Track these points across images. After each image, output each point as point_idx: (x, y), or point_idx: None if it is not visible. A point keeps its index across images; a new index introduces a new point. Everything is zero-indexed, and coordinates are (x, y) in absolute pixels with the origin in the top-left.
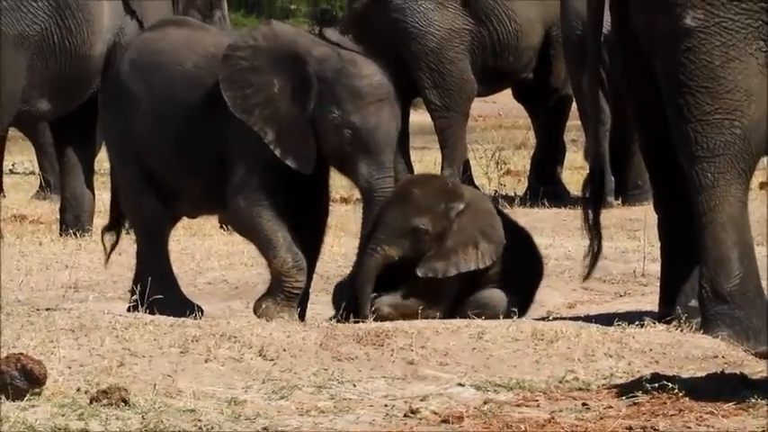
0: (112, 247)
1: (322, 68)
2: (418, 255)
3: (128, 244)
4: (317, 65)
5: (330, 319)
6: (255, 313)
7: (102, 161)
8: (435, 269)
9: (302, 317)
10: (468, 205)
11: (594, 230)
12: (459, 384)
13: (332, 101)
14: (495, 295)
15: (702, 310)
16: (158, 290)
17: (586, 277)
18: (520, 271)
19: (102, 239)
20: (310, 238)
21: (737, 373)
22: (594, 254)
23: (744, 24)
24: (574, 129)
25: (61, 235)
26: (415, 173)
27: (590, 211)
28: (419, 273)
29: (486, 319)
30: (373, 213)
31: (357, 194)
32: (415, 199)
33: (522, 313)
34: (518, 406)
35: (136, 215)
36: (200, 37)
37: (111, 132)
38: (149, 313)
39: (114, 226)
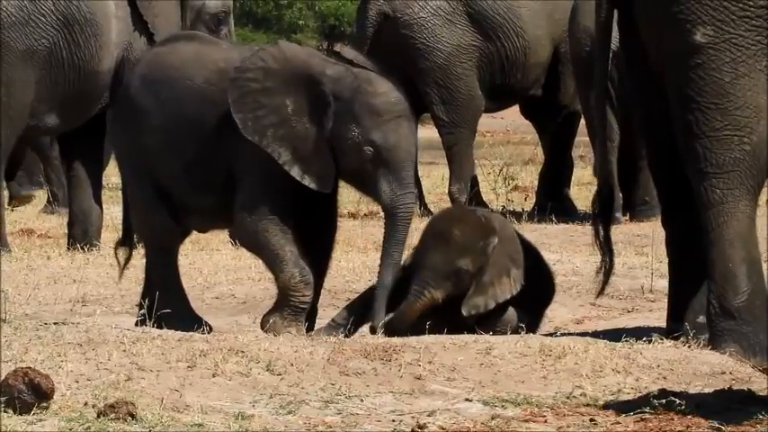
0: (126, 262)
1: (338, 88)
2: (459, 294)
3: (136, 258)
4: (333, 84)
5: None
6: (263, 328)
7: (110, 176)
8: (477, 305)
9: (311, 331)
10: (499, 237)
11: (606, 247)
12: (467, 400)
13: (350, 119)
14: (509, 314)
15: (710, 326)
16: (167, 304)
17: (599, 294)
18: (530, 288)
19: (116, 254)
20: (319, 253)
21: (745, 389)
22: (607, 270)
23: (753, 41)
24: (582, 145)
25: (69, 249)
26: (423, 188)
27: (600, 228)
28: (464, 312)
29: (494, 334)
30: (397, 231)
31: (364, 209)
32: (456, 240)
33: (531, 331)
34: (525, 422)
35: (146, 230)
36: (210, 52)
37: (122, 147)
38: (157, 328)
39: (127, 241)
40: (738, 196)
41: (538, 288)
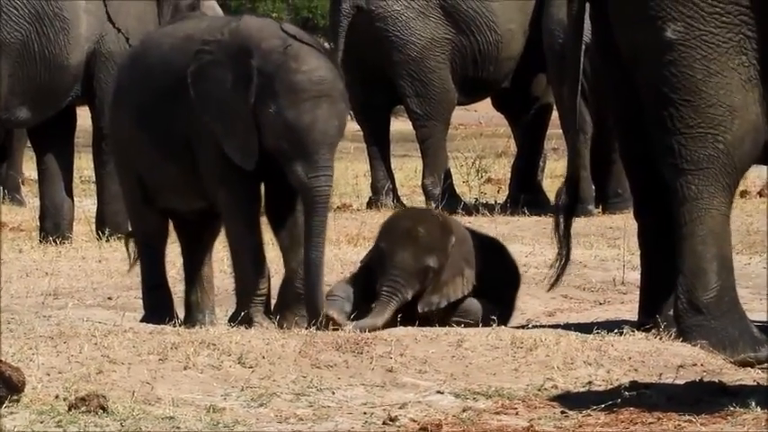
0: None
1: (264, 62)
2: (422, 290)
3: (107, 251)
4: (261, 59)
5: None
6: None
7: (82, 169)
8: (431, 303)
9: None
10: (456, 236)
11: (564, 240)
12: (438, 392)
13: (270, 96)
14: (472, 305)
15: (677, 322)
16: (149, 296)
17: (552, 286)
18: (496, 279)
19: (127, 246)
20: (287, 231)
21: (716, 381)
22: (562, 264)
23: (725, 38)
24: (555, 137)
25: (41, 242)
26: (396, 181)
27: (561, 220)
28: (420, 309)
29: (464, 327)
30: (310, 215)
31: (337, 202)
32: (421, 238)
33: (503, 321)
34: (497, 414)
35: (133, 221)
36: (186, 23)
37: (113, 138)
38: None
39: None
40: (713, 193)
41: (502, 279)
